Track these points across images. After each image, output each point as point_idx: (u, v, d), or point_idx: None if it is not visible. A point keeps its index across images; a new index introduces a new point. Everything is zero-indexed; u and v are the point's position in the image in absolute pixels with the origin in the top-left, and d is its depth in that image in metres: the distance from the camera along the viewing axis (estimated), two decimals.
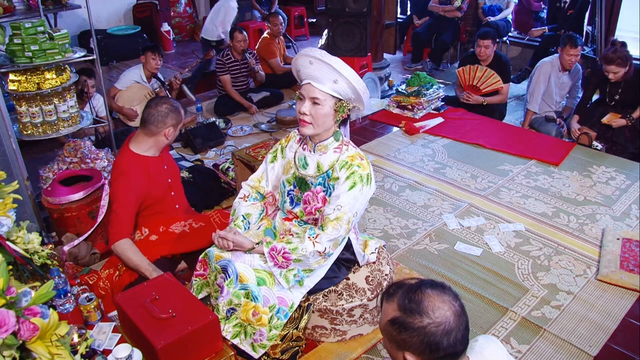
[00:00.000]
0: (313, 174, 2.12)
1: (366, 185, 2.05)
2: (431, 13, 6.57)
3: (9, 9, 3.26)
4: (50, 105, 3.06)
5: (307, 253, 2.02)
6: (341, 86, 1.96)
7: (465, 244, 3.03)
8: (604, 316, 2.50)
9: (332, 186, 2.07)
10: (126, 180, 2.43)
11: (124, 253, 2.37)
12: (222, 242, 2.16)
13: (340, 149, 2.11)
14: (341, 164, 2.07)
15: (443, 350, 1.19)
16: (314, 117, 2.00)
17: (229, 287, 2.07)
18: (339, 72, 1.92)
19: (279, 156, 2.29)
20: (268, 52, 5.53)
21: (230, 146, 4.44)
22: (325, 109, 1.99)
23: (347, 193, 2.02)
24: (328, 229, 2.03)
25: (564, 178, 3.72)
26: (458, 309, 1.22)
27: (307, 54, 1.95)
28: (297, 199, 2.19)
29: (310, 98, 1.99)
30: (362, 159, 2.09)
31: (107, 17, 6.82)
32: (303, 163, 2.16)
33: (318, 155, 2.11)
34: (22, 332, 1.18)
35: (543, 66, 4.42)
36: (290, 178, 2.20)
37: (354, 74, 1.96)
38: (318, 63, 1.93)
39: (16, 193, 1.77)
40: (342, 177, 2.05)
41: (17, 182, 1.80)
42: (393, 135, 4.48)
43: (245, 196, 2.34)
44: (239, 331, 2.08)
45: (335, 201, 2.04)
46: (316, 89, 1.97)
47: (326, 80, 1.95)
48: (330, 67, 1.92)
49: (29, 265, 1.78)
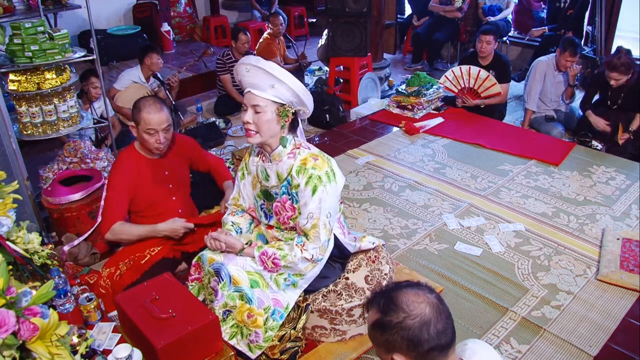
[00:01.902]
0: (275, 184, 2.11)
1: (328, 183, 2.02)
2: (431, 13, 6.57)
3: (9, 9, 3.27)
4: (50, 105, 3.06)
5: (296, 260, 2.05)
6: (280, 91, 1.93)
7: (465, 244, 3.03)
8: (604, 316, 2.50)
9: (296, 193, 2.06)
10: (119, 170, 2.51)
11: (122, 232, 2.45)
12: (214, 243, 2.17)
13: (293, 154, 2.07)
14: (297, 169, 2.04)
15: (425, 342, 1.19)
16: (257, 125, 1.98)
17: (223, 290, 2.08)
18: (276, 77, 1.90)
19: (245, 173, 2.29)
20: (268, 52, 5.53)
21: (230, 146, 4.44)
22: (267, 115, 1.96)
23: (312, 199, 2.01)
24: (310, 239, 2.05)
25: (564, 178, 3.72)
26: (434, 300, 1.23)
27: (243, 62, 1.94)
28: (269, 212, 2.20)
29: (251, 106, 1.97)
30: (316, 159, 2.05)
31: (107, 17, 6.82)
32: (265, 175, 2.15)
33: (275, 165, 2.09)
34: (22, 332, 1.18)
35: (539, 65, 4.43)
36: (259, 193, 2.22)
37: (290, 76, 1.93)
38: (254, 70, 1.91)
39: (16, 193, 1.77)
40: (302, 183, 2.02)
41: (17, 182, 1.80)
42: (393, 135, 4.48)
43: (233, 212, 2.38)
44: (235, 332, 2.09)
45: (304, 210, 2.04)
46: (256, 97, 1.95)
47: (264, 86, 1.93)
48: (266, 72, 1.90)
49: (29, 265, 1.78)
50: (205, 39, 7.51)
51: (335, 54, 5.16)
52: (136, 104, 2.45)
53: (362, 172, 3.86)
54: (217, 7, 7.82)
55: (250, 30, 6.15)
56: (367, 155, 4.10)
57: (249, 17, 7.91)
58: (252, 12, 7.78)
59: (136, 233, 2.49)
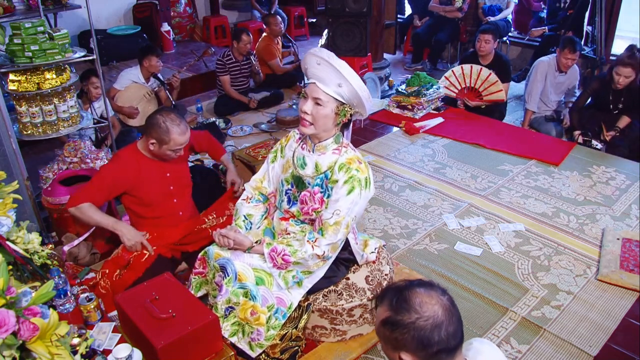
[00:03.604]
0: (311, 174, 2.11)
1: (365, 189, 2.03)
2: (431, 13, 6.57)
3: (9, 9, 3.26)
4: (50, 105, 3.05)
5: (307, 256, 2.03)
6: (345, 90, 1.94)
7: (465, 244, 3.03)
8: (604, 316, 2.50)
9: (331, 188, 2.06)
10: (114, 165, 2.53)
11: (84, 213, 2.44)
12: (223, 240, 2.16)
13: (339, 151, 2.08)
14: (340, 166, 2.04)
15: (436, 344, 1.19)
16: (314, 117, 1.98)
17: (227, 285, 2.07)
18: (345, 77, 1.90)
19: (279, 155, 2.29)
20: (268, 53, 5.53)
21: (230, 146, 4.44)
22: (326, 110, 1.97)
23: (346, 197, 2.01)
24: (327, 234, 2.03)
25: (564, 178, 3.72)
26: (446, 303, 1.23)
27: (315, 54, 1.94)
28: (294, 198, 2.18)
29: (313, 98, 1.97)
30: (360, 163, 2.06)
31: (107, 17, 6.82)
32: (301, 162, 2.14)
33: (317, 156, 2.10)
34: (22, 332, 1.18)
35: (540, 65, 4.43)
36: (288, 177, 2.20)
37: (359, 81, 1.94)
38: (325, 65, 1.92)
39: (16, 193, 1.77)
40: (341, 180, 2.02)
41: (17, 182, 1.80)
42: (393, 135, 4.48)
43: (249, 198, 2.35)
44: (237, 329, 2.08)
45: (333, 205, 2.03)
46: (320, 90, 1.95)
47: (331, 82, 1.94)
48: (336, 71, 1.90)
49: (29, 265, 1.78)
50: (205, 39, 7.50)
51: (335, 53, 5.11)
52: (160, 124, 2.40)
53: None
54: (217, 7, 7.81)
55: (251, 30, 6.14)
56: (367, 155, 4.10)
57: (249, 17, 7.90)
58: (252, 12, 7.77)
59: (97, 219, 2.47)
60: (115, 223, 2.50)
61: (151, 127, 2.42)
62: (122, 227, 2.49)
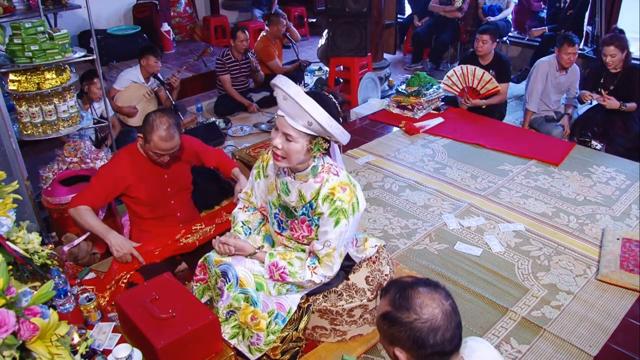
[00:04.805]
0: (295, 202, 2.05)
1: (352, 215, 1.96)
2: (431, 13, 6.57)
3: (9, 9, 3.27)
4: (50, 105, 3.06)
5: (304, 281, 2.04)
6: (315, 127, 1.80)
7: (465, 244, 3.03)
8: (604, 316, 2.50)
9: (317, 219, 2.02)
10: (113, 162, 2.54)
11: (81, 216, 2.42)
12: (223, 247, 2.13)
13: (321, 179, 1.97)
14: (323, 198, 1.95)
15: (430, 347, 1.20)
16: (286, 152, 1.87)
17: (229, 291, 2.07)
18: (312, 117, 1.76)
19: (262, 174, 2.23)
20: (266, 54, 5.52)
21: (231, 146, 4.44)
22: (297, 146, 1.85)
23: (334, 230, 1.95)
24: (322, 265, 2.03)
25: (564, 178, 3.72)
26: (447, 308, 1.23)
27: (282, 88, 1.77)
28: (284, 225, 2.16)
29: (283, 133, 1.85)
30: (344, 190, 1.94)
31: (107, 17, 6.82)
32: (285, 188, 2.06)
33: (299, 183, 2.01)
34: (22, 332, 1.18)
35: (540, 66, 4.43)
36: (275, 201, 2.15)
37: (328, 118, 1.79)
38: (291, 101, 1.77)
39: (16, 193, 1.77)
40: (326, 212, 1.95)
41: (17, 182, 1.80)
42: (393, 135, 4.47)
43: (245, 207, 2.35)
44: (237, 332, 2.08)
45: (323, 237, 1.99)
46: (289, 126, 1.82)
47: (299, 119, 1.80)
48: (302, 110, 1.75)
49: (29, 265, 1.78)
50: (205, 39, 7.51)
51: (335, 54, 5.16)
52: (149, 121, 2.37)
53: (362, 172, 3.86)
54: (217, 7, 7.82)
55: (251, 30, 6.15)
56: (367, 155, 4.10)
57: (249, 17, 7.90)
58: (253, 12, 7.77)
59: (91, 224, 2.43)
60: (106, 231, 2.43)
61: (144, 123, 2.42)
62: (112, 237, 2.41)
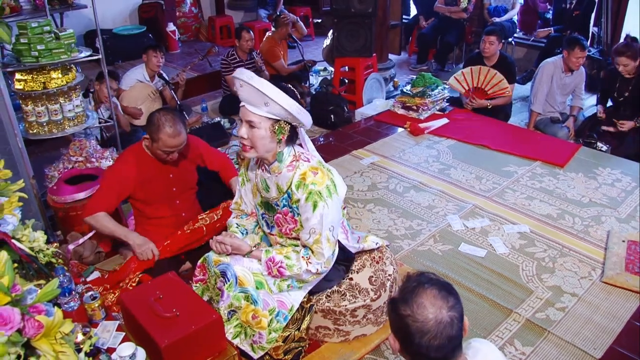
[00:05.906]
0: (275, 196, 2.08)
1: (329, 197, 1.98)
2: (437, 14, 6.56)
3: (16, 8, 3.28)
4: (56, 104, 3.07)
5: (302, 272, 2.05)
6: (274, 108, 1.86)
7: (470, 245, 3.02)
8: (609, 318, 2.49)
9: (297, 207, 2.04)
10: (119, 163, 2.57)
11: (99, 222, 2.48)
12: (219, 246, 2.15)
13: (292, 167, 2.02)
14: (296, 185, 1.99)
15: (415, 345, 1.22)
16: (252, 141, 1.93)
17: (228, 290, 2.07)
18: (267, 96, 1.82)
19: (245, 180, 2.28)
20: (272, 55, 5.52)
21: (235, 146, 4.45)
22: (261, 131, 1.91)
23: (313, 215, 1.98)
24: (314, 254, 2.05)
25: (569, 180, 3.70)
26: (444, 318, 1.21)
27: (236, 76, 1.86)
28: (271, 222, 2.19)
29: (246, 121, 1.92)
30: (315, 173, 1.99)
31: (113, 17, 6.84)
32: (265, 186, 2.11)
33: (275, 177, 2.05)
34: (27, 330, 1.18)
35: (546, 67, 4.42)
36: (259, 202, 2.20)
37: (283, 96, 1.84)
38: (247, 86, 1.84)
39: (22, 192, 1.78)
40: (302, 198, 1.98)
41: (23, 181, 1.81)
42: (398, 136, 4.47)
43: (238, 216, 2.39)
44: (239, 331, 2.08)
45: (306, 225, 2.02)
46: (250, 112, 1.90)
47: (257, 103, 1.87)
48: (257, 91, 1.82)
49: (34, 264, 1.78)
50: (211, 39, 7.52)
51: (340, 54, 5.16)
52: (154, 121, 2.39)
53: (367, 172, 3.86)
54: (222, 7, 7.83)
55: (256, 30, 6.16)
56: (371, 156, 4.10)
57: (254, 17, 7.91)
58: (258, 12, 7.78)
59: (111, 228, 2.50)
60: (127, 233, 2.52)
61: (148, 123, 2.44)
62: (134, 237, 2.50)
